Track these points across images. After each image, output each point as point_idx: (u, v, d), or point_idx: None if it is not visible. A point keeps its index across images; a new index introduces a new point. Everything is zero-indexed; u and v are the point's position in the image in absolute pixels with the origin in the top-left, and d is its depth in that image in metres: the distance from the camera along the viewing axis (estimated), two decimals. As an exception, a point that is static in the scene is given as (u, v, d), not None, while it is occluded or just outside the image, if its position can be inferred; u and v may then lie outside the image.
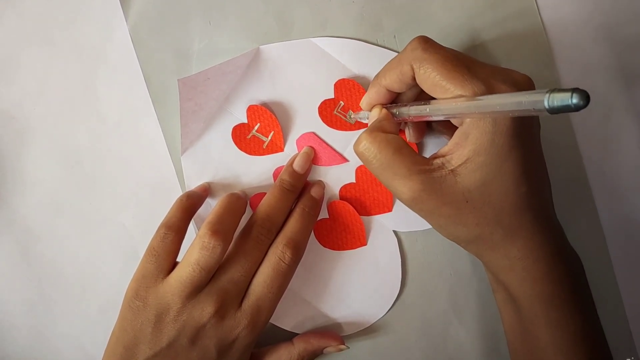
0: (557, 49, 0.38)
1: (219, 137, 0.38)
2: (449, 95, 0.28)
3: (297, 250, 0.35)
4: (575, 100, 0.20)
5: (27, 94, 0.41)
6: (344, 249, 0.39)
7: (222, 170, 0.39)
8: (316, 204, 0.37)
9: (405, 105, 0.32)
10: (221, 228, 0.33)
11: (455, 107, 0.28)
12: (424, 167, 0.29)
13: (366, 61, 0.38)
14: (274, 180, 0.38)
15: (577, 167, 0.38)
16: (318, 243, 0.39)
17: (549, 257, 0.31)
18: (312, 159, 0.38)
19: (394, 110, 0.33)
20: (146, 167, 0.40)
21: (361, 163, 0.38)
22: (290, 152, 0.39)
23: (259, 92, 0.38)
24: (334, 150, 0.38)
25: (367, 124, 0.35)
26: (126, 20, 0.39)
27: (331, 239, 0.39)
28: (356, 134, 0.38)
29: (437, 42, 0.31)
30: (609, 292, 0.39)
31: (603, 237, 0.39)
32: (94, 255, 0.41)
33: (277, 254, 0.34)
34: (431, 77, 0.29)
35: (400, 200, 0.31)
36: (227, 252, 0.34)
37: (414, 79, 0.30)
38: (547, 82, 0.38)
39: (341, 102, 0.38)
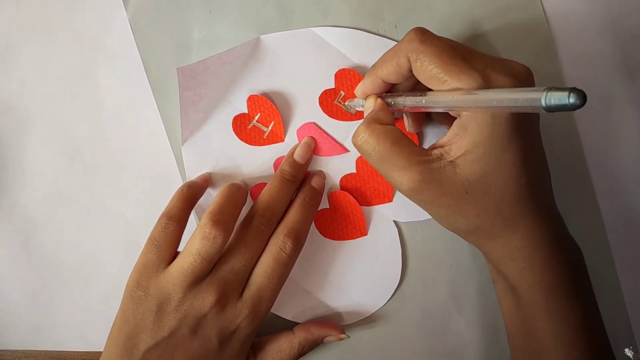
0: (559, 39, 0.38)
1: (220, 128, 0.38)
2: (445, 87, 0.28)
3: (298, 240, 0.35)
4: (572, 99, 0.20)
5: (27, 84, 0.40)
6: (344, 239, 0.39)
7: (222, 161, 0.39)
8: (317, 194, 0.37)
9: (401, 96, 0.32)
10: (222, 218, 0.33)
11: (451, 100, 0.28)
12: (422, 158, 0.29)
13: (367, 51, 0.37)
14: (275, 171, 0.38)
15: (578, 159, 0.38)
16: (319, 233, 0.39)
17: (548, 247, 0.31)
18: (313, 149, 0.38)
19: (389, 100, 0.33)
20: (146, 157, 0.40)
21: (362, 153, 0.38)
22: (291, 142, 0.39)
23: (260, 82, 0.38)
24: (335, 140, 0.38)
25: (362, 111, 0.35)
26: (126, 10, 0.39)
27: (332, 229, 0.39)
28: (357, 124, 0.38)
29: (438, 32, 0.30)
30: (608, 283, 0.39)
31: (603, 228, 0.39)
32: (95, 245, 0.41)
33: (277, 244, 0.34)
34: (428, 69, 0.29)
35: (400, 191, 0.31)
36: (228, 242, 0.34)
37: (411, 70, 0.30)
38: (548, 73, 0.37)
39: (342, 92, 0.38)
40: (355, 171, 0.38)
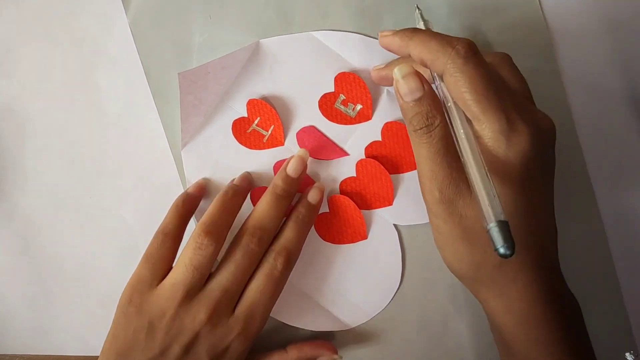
0: (558, 40, 0.38)
1: (220, 131, 0.38)
2: (468, 113, 0.29)
3: (289, 258, 0.35)
4: (501, 250, 0.25)
5: (27, 88, 0.40)
6: (344, 242, 0.39)
7: (222, 165, 0.39)
8: (312, 209, 0.37)
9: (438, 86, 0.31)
10: (214, 228, 0.34)
11: (465, 147, 0.28)
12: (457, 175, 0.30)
13: (366, 54, 0.38)
14: (274, 174, 0.38)
15: (577, 160, 0.38)
16: (318, 237, 0.39)
17: (546, 302, 0.30)
18: (311, 155, 0.38)
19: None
20: (146, 161, 0.40)
21: (361, 157, 0.38)
22: (291, 146, 0.39)
23: (259, 86, 0.38)
24: (335, 144, 0.38)
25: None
26: (126, 14, 0.39)
27: (331, 233, 0.39)
28: (356, 127, 0.38)
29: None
30: (608, 285, 0.38)
31: (603, 230, 0.39)
32: (94, 249, 0.41)
33: (269, 261, 0.35)
34: (459, 90, 0.29)
35: (423, 181, 0.31)
36: (221, 259, 0.35)
37: (441, 73, 0.30)
38: (547, 74, 0.37)
39: (341, 95, 0.38)
40: (355, 175, 0.38)
